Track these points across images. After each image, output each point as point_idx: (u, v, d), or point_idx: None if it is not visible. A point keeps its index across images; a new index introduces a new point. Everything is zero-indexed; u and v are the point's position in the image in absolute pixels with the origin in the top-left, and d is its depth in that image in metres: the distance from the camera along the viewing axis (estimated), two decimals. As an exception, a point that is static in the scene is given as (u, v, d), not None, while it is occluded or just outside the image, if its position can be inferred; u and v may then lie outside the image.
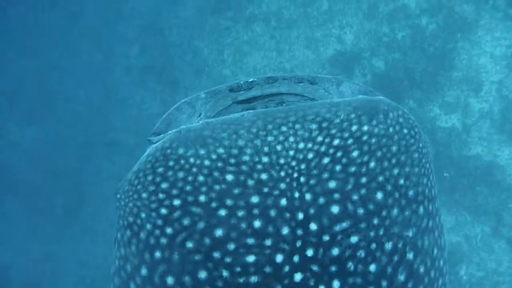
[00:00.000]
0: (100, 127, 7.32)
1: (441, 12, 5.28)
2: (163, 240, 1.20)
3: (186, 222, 1.19)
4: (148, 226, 1.23)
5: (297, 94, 1.90)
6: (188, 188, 1.21)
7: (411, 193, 1.31)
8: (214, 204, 1.19)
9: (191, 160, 1.23)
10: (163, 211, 1.21)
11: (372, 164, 1.27)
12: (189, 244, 1.18)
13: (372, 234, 1.21)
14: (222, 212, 1.19)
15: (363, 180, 1.25)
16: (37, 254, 7.06)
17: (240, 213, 1.18)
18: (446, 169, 4.85)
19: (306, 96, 1.87)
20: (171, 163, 1.24)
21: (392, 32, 5.36)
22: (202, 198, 1.20)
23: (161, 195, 1.23)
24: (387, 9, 5.40)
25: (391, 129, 1.32)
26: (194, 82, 6.43)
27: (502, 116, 5.02)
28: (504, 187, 4.84)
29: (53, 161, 7.39)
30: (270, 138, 1.24)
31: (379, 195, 1.24)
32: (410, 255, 1.25)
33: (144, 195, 1.25)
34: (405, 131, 1.35)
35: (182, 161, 1.23)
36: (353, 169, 1.25)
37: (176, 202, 1.21)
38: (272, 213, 1.19)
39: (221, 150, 1.23)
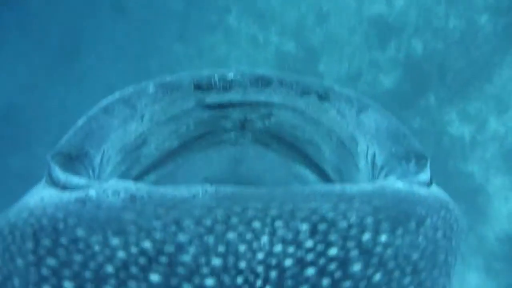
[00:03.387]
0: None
1: (506, 16, 4.72)
2: None
3: None
4: None
5: (295, 110, 1.42)
6: (88, 275, 0.91)
7: None
8: None
9: (96, 248, 0.90)
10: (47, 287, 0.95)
11: (377, 277, 0.96)
12: None
13: None
14: None
15: None
16: (25, 81, 6.94)
17: None
18: (436, 176, 4.78)
19: (307, 115, 1.41)
20: (63, 241, 0.91)
21: (445, 17, 4.83)
22: None
23: (45, 271, 0.94)
24: (453, -10, 4.78)
25: (420, 238, 0.98)
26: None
27: (513, 145, 4.85)
28: (480, 213, 4.87)
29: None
30: (231, 236, 0.87)
31: None
32: None
33: (19, 261, 0.97)
34: (439, 234, 1.02)
35: (81, 245, 0.90)
36: (347, 284, 0.94)
37: (68, 285, 0.93)
38: None
39: (147, 245, 0.87)
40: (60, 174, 1.05)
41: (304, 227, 0.88)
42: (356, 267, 0.94)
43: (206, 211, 0.86)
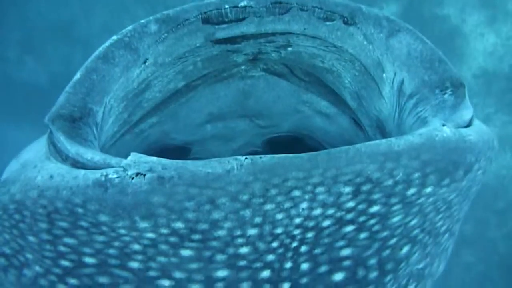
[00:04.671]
0: None
1: None
2: (62, 287, 0.96)
3: (102, 280, 0.92)
4: (38, 268, 0.96)
5: (316, 38, 1.26)
6: (111, 252, 0.88)
7: (443, 228, 1.07)
8: (153, 273, 0.90)
9: (121, 231, 0.83)
10: (66, 263, 0.93)
11: (413, 222, 0.95)
12: None
13: None
14: (165, 283, 0.90)
15: (392, 241, 0.95)
16: None
17: (194, 287, 0.90)
18: (412, 23, 4.64)
19: (329, 43, 1.26)
20: (83, 224, 0.85)
21: None
22: (134, 264, 0.89)
23: (62, 248, 0.91)
24: None
25: (464, 183, 0.94)
26: None
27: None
28: (457, 54, 4.88)
29: None
30: (268, 207, 0.81)
31: (405, 249, 0.99)
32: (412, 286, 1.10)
33: (31, 238, 0.93)
34: (480, 173, 0.99)
35: (104, 228, 0.84)
36: (384, 234, 0.93)
37: (89, 260, 0.91)
38: (245, 286, 0.90)
39: (179, 225, 0.81)
40: (68, 145, 0.93)
41: (347, 189, 0.82)
42: (395, 219, 0.92)
43: (242, 186, 0.78)
